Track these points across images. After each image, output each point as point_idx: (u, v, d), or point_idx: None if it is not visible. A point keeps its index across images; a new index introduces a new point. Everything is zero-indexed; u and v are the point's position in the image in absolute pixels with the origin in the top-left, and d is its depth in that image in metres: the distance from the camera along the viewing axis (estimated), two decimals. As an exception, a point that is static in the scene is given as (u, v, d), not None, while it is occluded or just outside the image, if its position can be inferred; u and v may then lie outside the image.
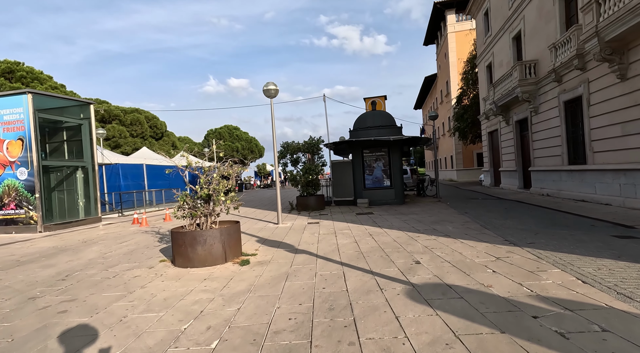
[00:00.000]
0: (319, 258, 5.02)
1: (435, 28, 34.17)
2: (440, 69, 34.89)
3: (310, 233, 7.21)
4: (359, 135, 12.36)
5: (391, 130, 12.26)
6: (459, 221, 7.83)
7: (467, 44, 28.21)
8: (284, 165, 12.65)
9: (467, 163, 30.23)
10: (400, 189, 12.25)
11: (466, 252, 4.83)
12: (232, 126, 31.00)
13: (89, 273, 4.84)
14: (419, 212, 9.83)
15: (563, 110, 11.13)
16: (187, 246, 4.83)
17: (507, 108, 15.91)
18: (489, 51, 18.36)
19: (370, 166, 12.47)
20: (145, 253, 6.00)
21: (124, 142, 18.50)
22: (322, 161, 12.25)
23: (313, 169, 11.50)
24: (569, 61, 10.11)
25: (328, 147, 13.18)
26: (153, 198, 17.01)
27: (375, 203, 12.26)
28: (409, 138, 11.59)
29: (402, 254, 4.94)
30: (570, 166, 10.77)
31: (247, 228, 8.47)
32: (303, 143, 12.26)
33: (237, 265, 4.86)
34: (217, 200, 5.26)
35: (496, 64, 17.47)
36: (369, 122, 12.57)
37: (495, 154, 19.07)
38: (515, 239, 5.55)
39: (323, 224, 8.52)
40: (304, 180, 11.56)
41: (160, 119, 21.70)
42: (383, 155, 12.33)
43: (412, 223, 7.94)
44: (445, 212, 9.56)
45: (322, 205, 11.92)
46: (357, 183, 12.61)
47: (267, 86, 8.58)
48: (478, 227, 6.89)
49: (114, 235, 8.45)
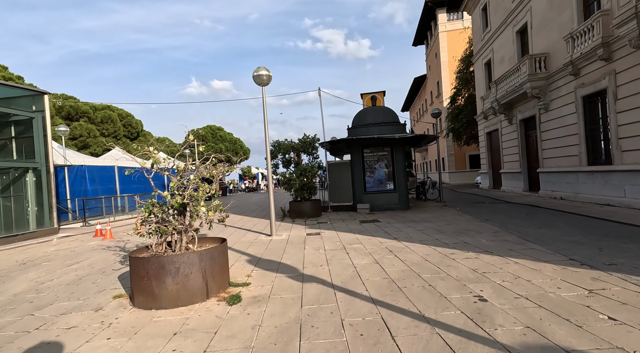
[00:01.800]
0: (338, 290, 3.66)
1: (425, 28, 33.60)
2: (431, 69, 34.32)
3: (314, 249, 5.84)
4: (359, 133, 11.11)
5: (394, 127, 11.07)
6: (486, 231, 6.65)
7: (458, 44, 27.63)
8: (274, 166, 11.23)
9: (459, 165, 29.59)
10: (405, 193, 11.06)
11: (536, 279, 3.59)
12: (216, 127, 29.24)
13: (0, 321, 3.30)
14: (432, 219, 8.63)
15: (581, 106, 10.23)
16: (151, 278, 3.38)
17: (510, 106, 15.07)
18: (488, 47, 17.58)
19: (371, 167, 11.23)
20: (97, 283, 4.47)
21: (93, 142, 16.58)
22: (317, 162, 10.92)
23: (309, 171, 10.15)
24: (591, 51, 9.20)
25: (323, 147, 11.87)
26: (126, 204, 15.19)
27: (377, 209, 11.01)
28: (415, 136, 10.43)
29: (449, 283, 3.65)
30: (591, 167, 9.86)
31: (234, 241, 7.01)
32: (297, 141, 10.88)
33: (223, 303, 3.44)
34: (195, 211, 3.84)
35: (496, 61, 16.67)
36: (370, 118, 11.34)
37: (494, 156, 18.26)
38: (582, 257, 4.37)
39: (325, 235, 7.16)
40: (298, 183, 10.19)
41: (135, 118, 19.80)
42: (385, 155, 11.11)
43: (431, 233, 6.70)
44: (462, 219, 8.39)
45: (319, 211, 10.57)
46: (356, 186, 11.34)
47: (258, 71, 7.19)
48: (516, 239, 5.71)
49: (66, 252, 6.80)
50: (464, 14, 28.46)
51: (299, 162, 11.48)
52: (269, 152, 7.47)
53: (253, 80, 7.36)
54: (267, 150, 7.50)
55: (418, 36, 35.55)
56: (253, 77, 7.29)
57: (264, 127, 7.43)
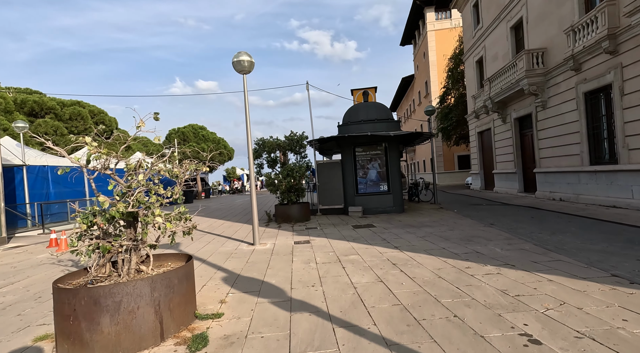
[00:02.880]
0: (337, 324, 2.81)
1: (413, 27, 33.28)
2: (419, 69, 34.01)
3: (304, 262, 4.96)
4: (350, 130, 10.31)
5: (388, 124, 10.33)
6: (496, 237, 5.93)
7: (447, 43, 27.35)
8: (259, 166, 10.29)
9: (448, 166, 29.28)
10: (400, 195, 10.31)
11: (588, 306, 2.83)
12: (198, 126, 27.92)
13: None
14: (432, 224, 7.89)
15: (583, 102, 9.75)
16: (79, 318, 2.43)
17: (504, 105, 14.62)
18: (480, 44, 17.15)
19: (364, 167, 10.44)
20: (24, 314, 3.47)
21: (60, 140, 15.14)
22: (305, 162, 10.05)
23: (296, 172, 9.27)
24: (595, 43, 8.70)
25: (312, 145, 11.01)
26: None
27: (370, 212, 10.22)
28: (411, 133, 9.70)
29: (478, 312, 2.86)
30: (594, 167, 9.37)
31: (210, 252, 6.05)
32: (284, 138, 9.97)
33: (182, 349, 2.53)
34: (147, 222, 2.92)
35: (489, 58, 16.23)
36: (362, 115, 10.56)
37: (486, 156, 17.83)
38: (625, 272, 3.67)
39: (316, 244, 6.30)
40: (284, 185, 9.29)
41: (109, 115, 18.35)
42: (379, 154, 10.34)
43: (436, 241, 5.93)
44: (464, 224, 7.69)
45: (308, 215, 9.69)
46: (347, 187, 10.53)
47: (239, 57, 6.28)
48: (535, 248, 5.00)
49: (5, 268, 5.69)
50: (453, 13, 28.25)
51: (285, 162, 10.58)
52: (250, 148, 6.56)
53: (233, 67, 6.43)
54: (249, 145, 6.58)
55: (406, 36, 35.21)
56: (233, 63, 6.37)
57: (246, 119, 6.52)
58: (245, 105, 6.50)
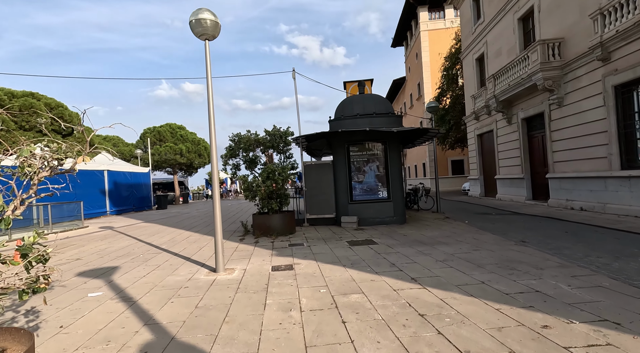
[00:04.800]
0: None
1: (405, 28, 32.27)
2: (410, 71, 32.96)
3: (282, 309, 3.27)
4: (344, 125, 8.71)
5: (388, 120, 8.78)
6: (545, 264, 4.39)
7: (441, 43, 26.35)
8: (234, 168, 8.54)
9: (441, 171, 28.09)
10: (401, 203, 8.75)
11: None
12: (176, 125, 25.84)
13: None
14: (446, 240, 6.32)
15: (612, 97, 8.46)
16: None
17: (510, 104, 13.37)
18: (480, 40, 15.96)
19: (359, 169, 8.84)
20: None
21: (5, 137, 13.00)
22: (291, 163, 8.38)
23: (279, 173, 7.57)
24: (633, 26, 7.41)
25: (298, 143, 9.35)
26: (40, 217, 11.77)
27: (366, 222, 8.61)
28: (416, 130, 8.17)
29: None
30: (627, 172, 8.05)
31: (150, 285, 4.27)
32: (264, 134, 8.25)
33: None
34: None
35: (491, 54, 15.02)
36: (357, 108, 8.97)
37: (487, 160, 16.57)
38: None
39: (302, 270, 4.61)
40: (264, 189, 7.57)
41: (69, 110, 16.13)
42: (377, 155, 8.77)
43: (464, 267, 4.35)
44: (487, 240, 6.15)
45: (292, 227, 8.00)
46: (340, 193, 8.90)
47: (198, 15, 4.59)
48: (616, 284, 3.47)
49: None
50: (447, 13, 27.34)
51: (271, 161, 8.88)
52: (214, 137, 4.82)
53: (191, 30, 4.73)
54: (212, 130, 4.85)
55: (397, 37, 34.19)
56: (191, 25, 4.67)
57: (207, 101, 4.80)
58: (208, 81, 4.79)
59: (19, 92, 14.84)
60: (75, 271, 5.18)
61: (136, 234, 9.20)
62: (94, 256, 6.30)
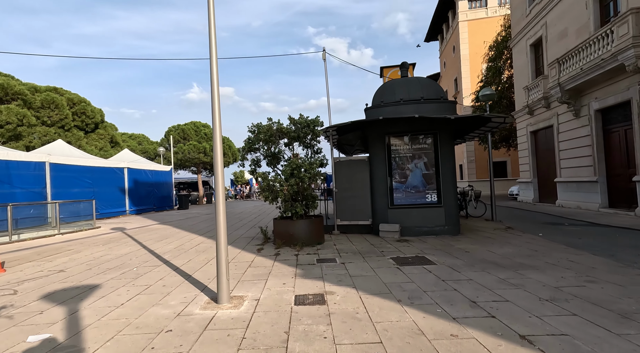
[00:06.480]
0: None
1: (441, 21, 30.09)
2: (446, 66, 30.71)
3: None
4: (384, 113, 7.18)
5: (439, 107, 7.16)
6: None
7: (482, 33, 24.09)
8: (253, 163, 7.25)
9: (480, 174, 25.68)
10: (455, 209, 7.10)
11: None
12: (201, 123, 25.31)
13: None
14: (531, 261, 4.63)
15: None
16: None
17: (579, 93, 11.24)
18: (537, 23, 13.85)
19: (402, 167, 7.27)
20: None
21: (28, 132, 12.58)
22: (319, 159, 6.96)
23: (306, 169, 6.18)
24: None
25: (327, 135, 7.93)
26: (56, 215, 11.11)
27: (410, 232, 7.02)
28: (477, 117, 6.49)
29: None
30: None
31: (123, 322, 2.98)
32: (288, 123, 6.89)
33: None
34: None
35: (552, 37, 12.90)
36: (401, 93, 7.41)
37: (542, 160, 14.38)
38: None
39: (338, 308, 3.16)
40: (287, 189, 6.20)
41: (92, 105, 15.71)
42: (425, 149, 7.16)
43: (593, 316, 2.72)
44: (595, 264, 4.41)
45: (321, 236, 6.58)
46: (377, 196, 7.38)
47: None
48: None
49: None
50: (489, 1, 25.03)
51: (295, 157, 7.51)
52: (217, 103, 3.49)
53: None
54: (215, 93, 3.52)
55: (432, 31, 32.01)
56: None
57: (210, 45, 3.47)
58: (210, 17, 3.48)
59: (42, 87, 14.55)
60: (43, 291, 4.03)
61: (143, 238, 8.15)
62: (81, 268, 5.19)
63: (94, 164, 13.56)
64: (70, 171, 12.61)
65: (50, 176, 11.73)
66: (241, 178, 43.28)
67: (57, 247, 7.27)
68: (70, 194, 12.44)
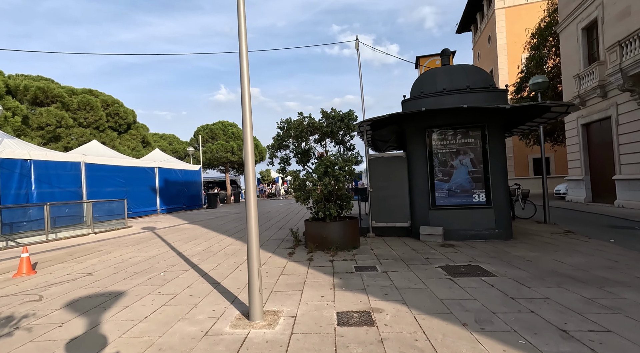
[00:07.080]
0: None
1: (475, 10, 28.47)
2: (480, 58, 29.04)
3: None
4: (424, 105, 6.52)
5: (488, 97, 6.40)
6: None
7: (521, 21, 22.47)
8: (282, 161, 6.85)
9: (519, 171, 24.03)
10: (506, 211, 6.33)
11: None
12: (228, 123, 25.50)
13: None
14: (616, 276, 3.87)
15: None
16: None
17: (644, 79, 9.93)
18: (591, 3, 12.48)
19: (445, 164, 6.58)
20: None
21: (65, 133, 13.05)
22: (354, 156, 6.44)
23: (341, 167, 5.68)
24: None
25: (361, 130, 7.36)
26: (89, 215, 11.33)
27: (455, 236, 6.33)
28: (535, 106, 5.69)
29: None
30: None
31: (142, 343, 2.62)
32: (320, 117, 6.41)
33: None
34: None
35: (609, 18, 11.55)
36: (443, 82, 6.71)
37: (596, 156, 13.01)
38: None
39: (390, 331, 2.63)
40: (320, 189, 5.74)
41: (125, 106, 16.16)
42: (472, 144, 6.43)
43: None
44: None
45: (356, 239, 6.06)
46: (417, 196, 6.73)
47: None
48: None
49: None
50: (529, -15, 23.26)
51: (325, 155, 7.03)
52: (246, 79, 3.06)
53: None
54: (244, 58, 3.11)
55: (464, 21, 30.39)
56: None
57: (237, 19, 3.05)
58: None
59: (79, 89, 15.06)
60: (68, 298, 3.80)
61: (172, 239, 8.00)
62: (109, 271, 5.00)
63: (127, 163, 13.81)
64: (104, 171, 12.88)
65: (85, 175, 12.01)
66: (267, 176, 43.51)
67: (89, 247, 7.24)
68: (104, 194, 12.70)
